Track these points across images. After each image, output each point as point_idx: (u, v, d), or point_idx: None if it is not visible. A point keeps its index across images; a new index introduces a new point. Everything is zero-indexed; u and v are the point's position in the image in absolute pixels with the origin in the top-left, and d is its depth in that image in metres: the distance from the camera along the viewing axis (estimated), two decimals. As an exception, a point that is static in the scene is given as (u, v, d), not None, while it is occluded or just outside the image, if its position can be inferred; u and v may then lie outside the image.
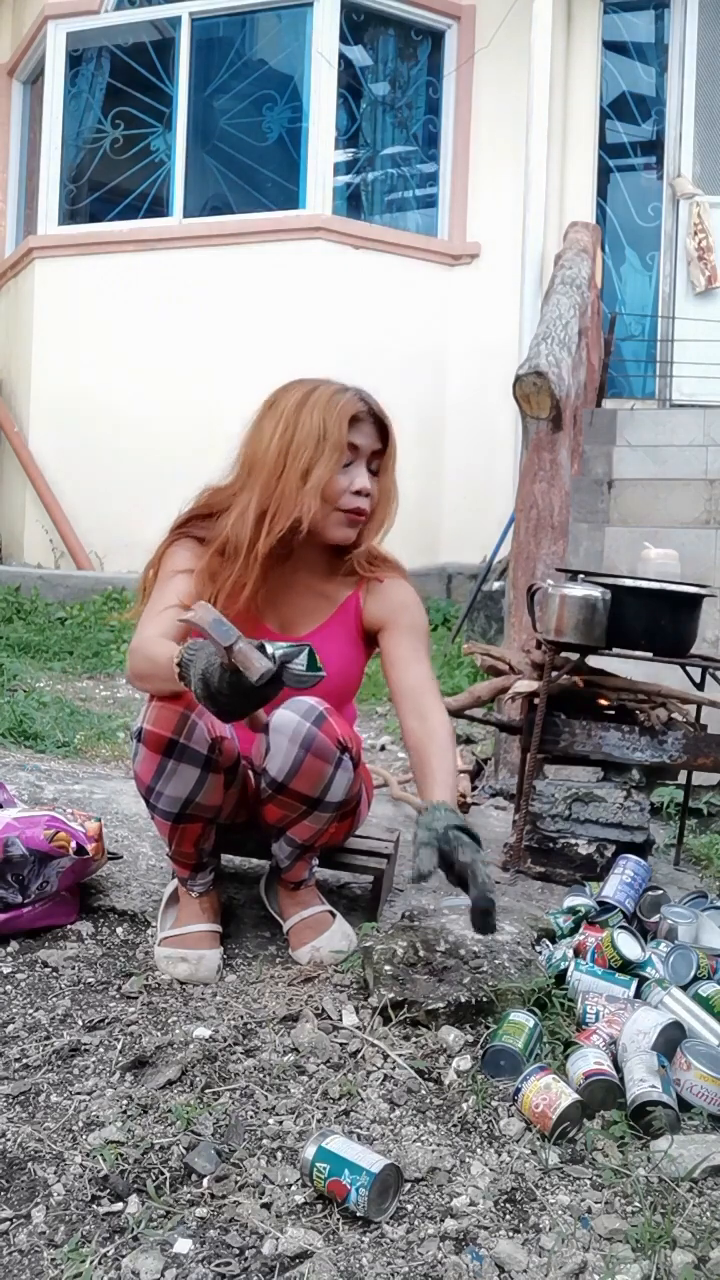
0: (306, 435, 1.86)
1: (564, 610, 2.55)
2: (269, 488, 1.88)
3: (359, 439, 1.90)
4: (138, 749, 1.80)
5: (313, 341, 6.06)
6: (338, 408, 1.88)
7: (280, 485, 1.87)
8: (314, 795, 1.83)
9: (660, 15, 6.53)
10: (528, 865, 2.60)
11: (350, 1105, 1.50)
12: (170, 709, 1.76)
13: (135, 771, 1.84)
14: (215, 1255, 1.21)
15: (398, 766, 3.78)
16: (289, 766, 1.79)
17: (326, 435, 1.86)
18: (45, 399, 6.81)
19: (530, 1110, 1.48)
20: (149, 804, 1.86)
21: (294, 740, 1.78)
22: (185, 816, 1.84)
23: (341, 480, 1.89)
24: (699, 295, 6.35)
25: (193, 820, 1.86)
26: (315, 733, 1.78)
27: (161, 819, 1.86)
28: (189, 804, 1.83)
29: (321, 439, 1.86)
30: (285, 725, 1.79)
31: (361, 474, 1.91)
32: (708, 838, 3.06)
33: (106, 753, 3.58)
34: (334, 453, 1.86)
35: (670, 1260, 1.24)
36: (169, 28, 6.75)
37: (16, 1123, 1.44)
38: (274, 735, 1.79)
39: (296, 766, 1.79)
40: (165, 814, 1.84)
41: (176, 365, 6.43)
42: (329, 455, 1.86)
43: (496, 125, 6.41)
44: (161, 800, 1.83)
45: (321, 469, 1.85)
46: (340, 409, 1.88)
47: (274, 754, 1.80)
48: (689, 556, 3.47)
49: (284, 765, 1.79)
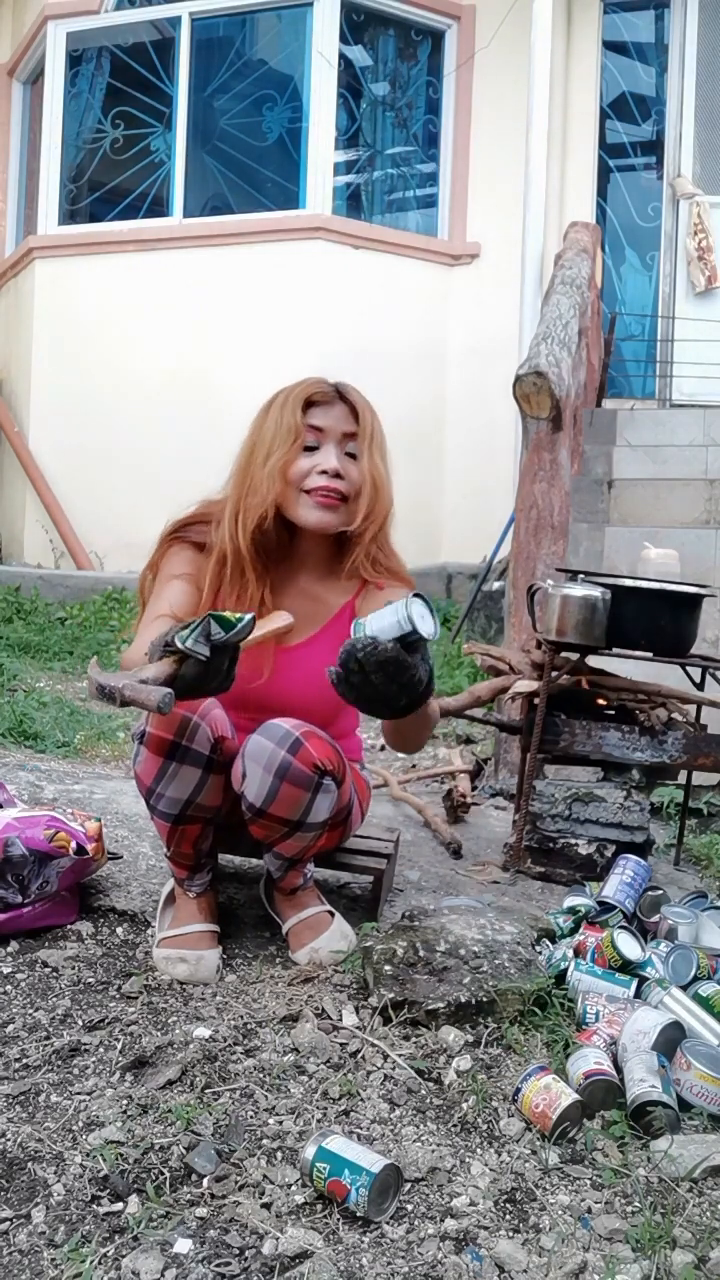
0: (270, 427, 1.90)
1: (564, 610, 2.55)
2: (242, 485, 1.91)
3: (322, 420, 1.91)
4: (139, 751, 1.80)
5: (313, 341, 6.07)
6: (294, 394, 1.91)
7: (249, 479, 1.90)
8: (294, 819, 1.82)
9: (660, 15, 6.53)
10: (528, 865, 2.60)
11: (350, 1105, 1.50)
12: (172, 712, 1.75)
13: (136, 773, 1.84)
14: (215, 1255, 1.21)
15: (398, 767, 3.78)
16: (265, 794, 1.78)
17: (282, 420, 1.89)
18: (45, 399, 6.81)
19: (530, 1110, 1.48)
20: (149, 805, 1.86)
21: (268, 769, 1.76)
22: (185, 818, 1.84)
23: (304, 462, 1.89)
24: (699, 295, 6.35)
25: (192, 821, 1.86)
26: (290, 761, 1.76)
27: (161, 820, 1.86)
28: (189, 805, 1.83)
29: (279, 425, 1.89)
30: (259, 753, 1.77)
31: (329, 455, 1.90)
32: (708, 838, 3.06)
33: (106, 753, 3.58)
34: (289, 435, 1.88)
35: (670, 1260, 1.24)
36: (169, 28, 6.75)
37: (16, 1123, 1.44)
38: (248, 763, 1.78)
39: (273, 795, 1.77)
40: (165, 815, 1.84)
41: (176, 365, 6.43)
42: (285, 438, 1.88)
43: (496, 125, 6.41)
44: (162, 802, 1.83)
45: (277, 453, 1.87)
46: (296, 394, 1.91)
47: (250, 781, 1.78)
48: (689, 556, 3.47)
49: (260, 792, 1.78)
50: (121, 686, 1.46)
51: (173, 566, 1.95)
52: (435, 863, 2.66)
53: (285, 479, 1.88)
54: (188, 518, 2.00)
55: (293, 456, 1.88)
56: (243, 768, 1.79)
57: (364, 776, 2.16)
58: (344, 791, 1.92)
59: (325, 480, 1.88)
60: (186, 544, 1.97)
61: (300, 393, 1.91)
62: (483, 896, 2.18)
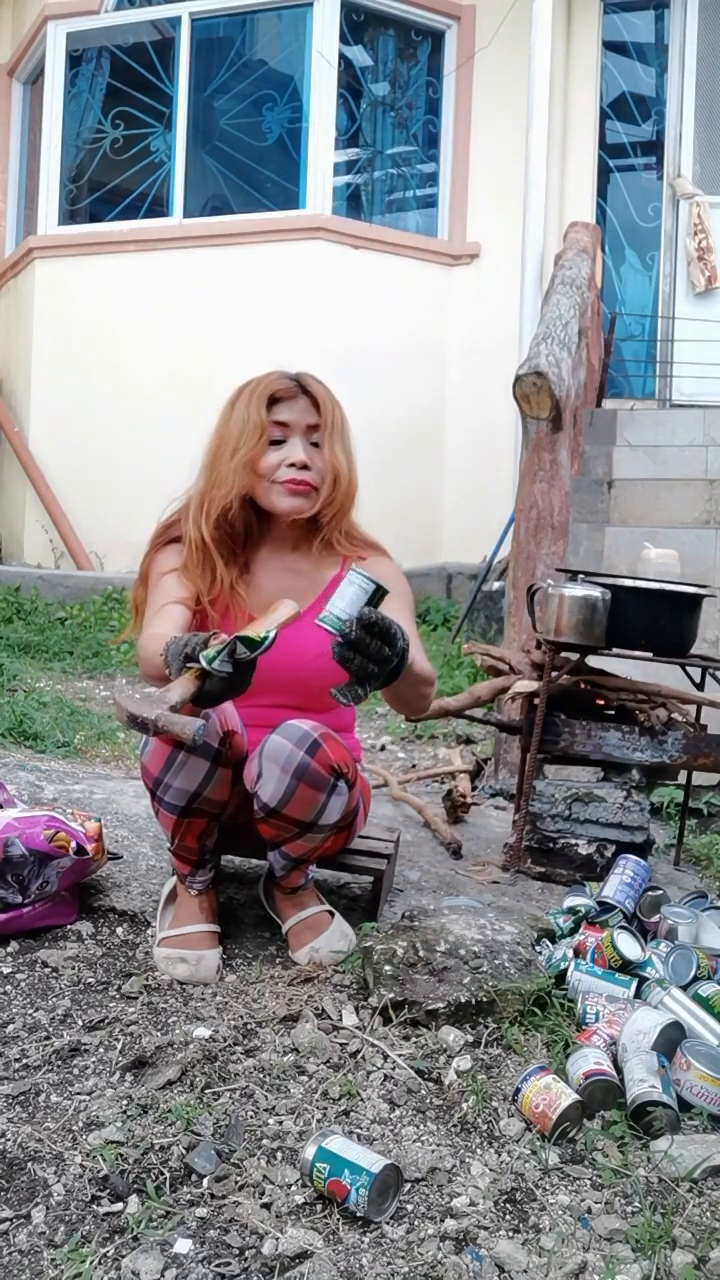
0: (235, 423, 1.96)
1: (564, 610, 2.55)
2: (209, 478, 1.99)
3: (287, 415, 1.97)
4: (148, 741, 1.80)
5: (313, 341, 6.06)
6: (258, 390, 1.97)
7: (216, 472, 1.97)
8: (307, 820, 1.83)
9: (660, 15, 6.53)
10: (528, 865, 2.60)
11: (350, 1105, 1.50)
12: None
13: (143, 763, 1.84)
14: (215, 1255, 1.21)
15: (397, 767, 3.78)
16: (281, 794, 1.78)
17: (248, 416, 1.95)
18: (45, 399, 6.81)
19: (530, 1110, 1.48)
20: (155, 796, 1.85)
21: (286, 770, 1.77)
22: (192, 810, 1.84)
23: (273, 456, 1.96)
24: (699, 295, 6.34)
25: (198, 815, 1.85)
26: (308, 762, 1.77)
27: (168, 812, 1.85)
28: (196, 797, 1.82)
29: (244, 421, 1.95)
30: (277, 753, 1.78)
31: (296, 448, 1.97)
32: (708, 838, 3.06)
33: (106, 753, 3.57)
34: (255, 431, 1.94)
35: (670, 1260, 1.24)
36: (169, 28, 6.75)
37: (16, 1123, 1.44)
38: (265, 762, 1.79)
39: (289, 795, 1.78)
40: (172, 807, 1.84)
41: (176, 365, 6.43)
42: (250, 434, 1.94)
43: (496, 125, 6.41)
44: (169, 793, 1.82)
45: (244, 449, 1.94)
46: (260, 391, 1.97)
47: (265, 781, 1.79)
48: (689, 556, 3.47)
49: (276, 793, 1.79)
50: (155, 718, 1.52)
51: (164, 565, 2.02)
52: (435, 863, 2.66)
53: (254, 472, 1.96)
54: (168, 520, 2.08)
55: (260, 451, 1.95)
56: (258, 767, 1.80)
57: (364, 777, 2.16)
58: (353, 794, 1.92)
59: (294, 473, 1.96)
60: (172, 542, 2.04)
61: (264, 389, 1.97)
62: (483, 896, 2.18)
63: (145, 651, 1.82)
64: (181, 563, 1.99)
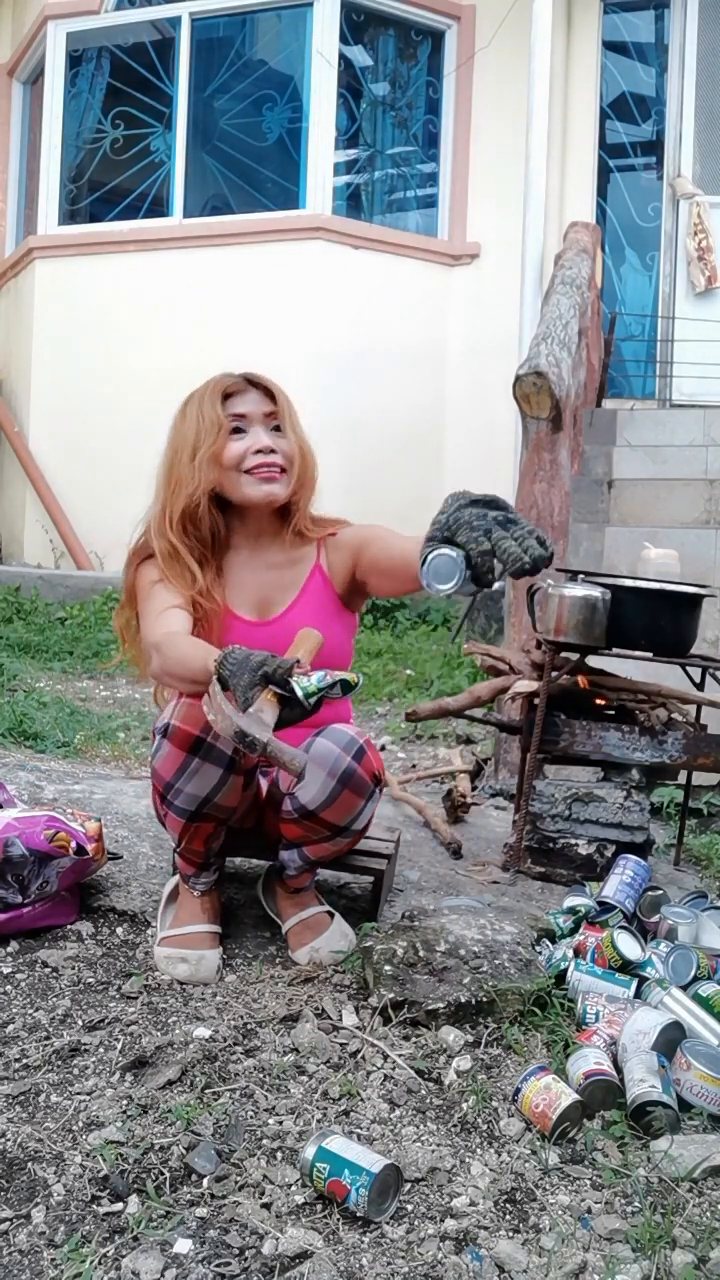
0: (191, 426, 1.97)
1: (564, 610, 2.55)
2: (168, 486, 1.99)
3: (243, 408, 1.98)
4: (161, 744, 1.79)
5: (312, 341, 6.06)
6: (209, 391, 1.98)
7: (175, 478, 1.98)
8: (342, 824, 1.83)
9: (660, 15, 6.53)
10: (528, 865, 2.60)
11: (350, 1105, 1.50)
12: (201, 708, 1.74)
13: (155, 767, 1.83)
14: (215, 1255, 1.21)
15: (397, 766, 3.78)
16: (323, 798, 1.79)
17: (204, 416, 1.96)
18: (45, 399, 6.80)
19: (530, 1110, 1.48)
20: (164, 800, 1.84)
21: (332, 774, 1.77)
22: (200, 815, 1.83)
23: (236, 445, 1.96)
24: (699, 295, 6.34)
25: (206, 820, 1.85)
26: (354, 768, 1.78)
27: (176, 816, 1.84)
28: (206, 803, 1.82)
29: (200, 421, 1.96)
30: (325, 757, 1.78)
31: (259, 435, 1.97)
32: (708, 838, 3.06)
33: (106, 753, 3.57)
34: (214, 427, 1.95)
35: (670, 1260, 1.24)
36: (169, 28, 6.75)
37: (16, 1123, 1.44)
38: (311, 766, 1.78)
39: (331, 799, 1.79)
40: (181, 811, 1.83)
41: (176, 365, 6.39)
42: (209, 430, 1.95)
43: (496, 125, 6.41)
44: (180, 798, 1.81)
45: (205, 446, 1.94)
46: (210, 391, 1.98)
47: (309, 784, 1.79)
48: (689, 556, 3.47)
49: (318, 796, 1.79)
50: (266, 742, 1.54)
51: (149, 577, 1.99)
52: (435, 863, 2.66)
53: (221, 466, 1.96)
54: (137, 544, 2.06)
55: (222, 444, 1.95)
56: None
57: None
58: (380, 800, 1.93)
59: (262, 458, 1.96)
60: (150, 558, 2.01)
61: (214, 389, 1.99)
62: (483, 896, 2.18)
63: (172, 650, 1.78)
64: (159, 576, 1.98)
